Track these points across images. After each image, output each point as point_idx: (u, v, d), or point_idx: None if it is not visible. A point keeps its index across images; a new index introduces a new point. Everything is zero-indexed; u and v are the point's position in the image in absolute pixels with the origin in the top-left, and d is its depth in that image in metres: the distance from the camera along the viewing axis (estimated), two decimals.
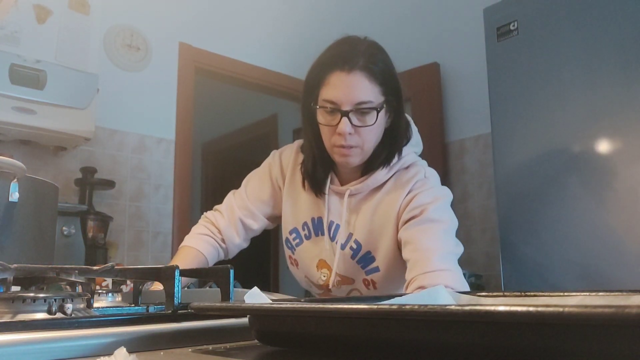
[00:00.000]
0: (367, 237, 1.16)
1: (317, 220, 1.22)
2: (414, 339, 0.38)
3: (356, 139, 1.07)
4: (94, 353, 0.46)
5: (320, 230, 1.21)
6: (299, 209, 1.24)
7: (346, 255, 1.17)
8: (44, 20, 2.21)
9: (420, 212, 1.09)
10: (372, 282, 1.17)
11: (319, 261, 1.22)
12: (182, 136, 2.98)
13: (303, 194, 1.23)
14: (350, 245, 1.17)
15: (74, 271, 0.63)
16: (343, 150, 1.09)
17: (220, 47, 3.21)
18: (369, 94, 1.06)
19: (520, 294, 0.58)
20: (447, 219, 1.10)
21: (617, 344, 0.29)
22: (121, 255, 2.67)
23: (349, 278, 1.19)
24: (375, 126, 1.08)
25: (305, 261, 1.24)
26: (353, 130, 1.06)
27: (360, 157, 1.11)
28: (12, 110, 2.09)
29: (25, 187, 0.82)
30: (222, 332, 0.55)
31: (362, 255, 1.16)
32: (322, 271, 1.22)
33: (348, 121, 1.05)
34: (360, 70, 1.05)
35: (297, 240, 1.25)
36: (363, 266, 1.17)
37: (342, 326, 0.42)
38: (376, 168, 1.14)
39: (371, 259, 1.16)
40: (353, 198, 1.18)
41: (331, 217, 1.19)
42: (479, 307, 0.31)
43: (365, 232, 1.15)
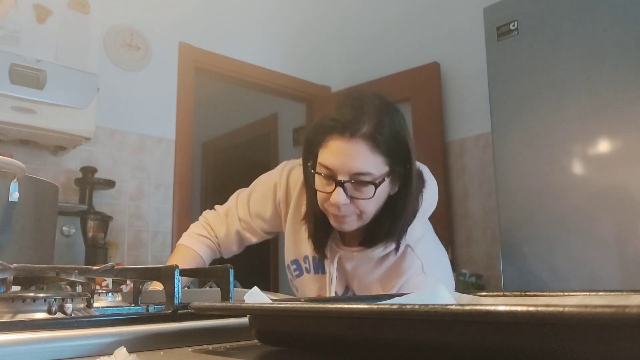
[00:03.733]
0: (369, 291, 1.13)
1: (319, 259, 1.18)
2: (414, 339, 0.38)
3: (352, 209, 1.00)
4: (94, 353, 0.46)
5: (321, 269, 1.17)
6: (301, 241, 1.19)
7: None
8: (44, 20, 2.21)
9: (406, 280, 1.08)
10: None
11: (318, 295, 1.19)
12: (182, 136, 2.98)
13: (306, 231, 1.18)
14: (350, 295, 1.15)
15: (74, 271, 0.63)
16: (337, 218, 1.02)
17: (220, 46, 3.21)
18: (369, 165, 0.96)
19: (520, 293, 0.58)
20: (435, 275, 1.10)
21: (617, 344, 0.29)
22: (121, 255, 2.67)
23: None
24: (375, 198, 0.99)
25: (305, 292, 1.22)
26: (348, 201, 0.98)
27: (358, 224, 1.03)
28: (12, 110, 2.09)
29: (25, 187, 0.82)
30: (222, 332, 0.55)
31: None
32: None
33: (343, 192, 0.97)
34: (362, 139, 0.95)
35: (297, 272, 1.23)
36: None
37: (342, 326, 0.42)
38: (376, 243, 1.07)
39: None
40: (346, 262, 1.13)
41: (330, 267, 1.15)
42: (479, 307, 0.31)
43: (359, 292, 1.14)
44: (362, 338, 0.41)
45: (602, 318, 0.27)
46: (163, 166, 2.89)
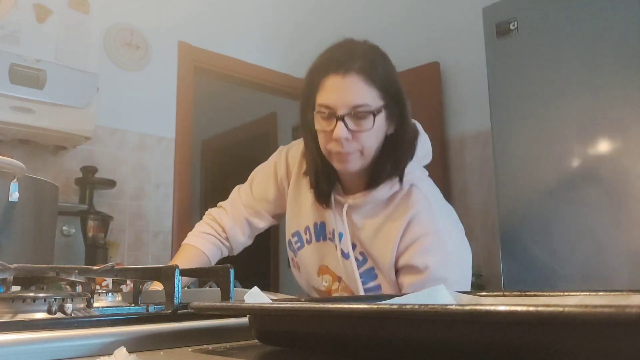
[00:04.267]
0: (371, 254, 1.11)
1: (320, 225, 1.18)
2: (414, 339, 0.38)
3: (354, 145, 1.03)
4: (94, 353, 0.46)
5: (322, 235, 1.17)
6: (302, 213, 1.21)
7: (350, 266, 1.12)
8: (43, 20, 2.20)
9: (424, 269, 1.04)
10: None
11: (320, 267, 1.18)
12: (182, 134, 2.98)
13: (307, 198, 1.20)
14: (356, 255, 1.12)
15: (74, 271, 0.63)
16: (340, 156, 1.04)
17: (219, 46, 3.21)
18: (366, 97, 1.01)
19: (520, 293, 0.58)
20: (452, 276, 1.05)
21: (617, 344, 0.29)
22: (121, 255, 2.67)
23: (349, 289, 1.14)
24: (374, 130, 1.03)
25: (307, 266, 1.21)
26: (350, 135, 1.01)
27: (361, 162, 1.06)
28: (12, 110, 2.09)
29: (25, 186, 0.82)
30: (222, 332, 0.55)
31: (366, 270, 1.12)
32: (323, 277, 1.18)
33: (344, 126, 1.00)
34: (356, 73, 1.01)
35: (299, 244, 1.22)
36: (364, 281, 1.11)
37: (342, 326, 0.42)
38: (380, 182, 1.09)
39: (374, 275, 1.11)
40: (353, 212, 1.13)
41: (335, 225, 1.15)
42: (479, 307, 0.31)
43: (367, 249, 1.11)
44: (362, 338, 0.41)
45: (602, 318, 0.27)
46: (163, 165, 2.89)
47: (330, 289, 1.16)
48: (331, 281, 1.16)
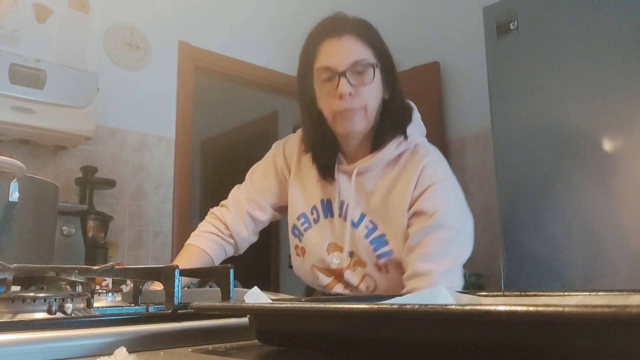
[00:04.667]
0: (382, 219, 1.11)
1: (327, 202, 1.18)
2: (414, 339, 0.38)
3: (357, 101, 1.06)
4: (94, 353, 0.46)
5: (329, 212, 1.17)
6: (307, 194, 1.21)
7: (359, 234, 1.12)
8: (43, 20, 2.20)
9: (432, 214, 1.06)
10: (385, 266, 1.12)
11: (329, 245, 1.17)
12: (182, 134, 2.98)
13: (311, 179, 1.20)
14: (365, 224, 1.13)
15: (74, 271, 0.63)
16: (345, 114, 1.06)
17: (219, 45, 3.21)
18: (363, 53, 1.06)
19: (520, 293, 0.58)
20: (456, 225, 1.09)
21: (618, 344, 0.29)
22: (121, 255, 2.67)
23: (361, 260, 1.14)
24: (374, 85, 1.07)
25: (315, 247, 1.19)
26: (353, 90, 1.05)
27: (365, 121, 1.09)
28: (12, 110, 2.09)
29: (25, 186, 0.82)
30: (222, 332, 0.55)
31: (376, 237, 1.12)
32: (333, 254, 1.16)
33: (346, 81, 1.04)
34: (349, 34, 1.08)
35: (306, 225, 1.20)
36: (375, 248, 1.11)
37: (342, 326, 0.42)
38: (386, 141, 1.12)
39: (384, 242, 1.11)
40: (362, 177, 1.14)
41: (342, 197, 1.15)
42: (479, 307, 0.31)
43: (379, 213, 1.12)
44: (362, 338, 0.41)
45: (603, 318, 0.27)
46: (163, 165, 2.89)
47: (342, 266, 1.15)
48: (342, 258, 1.15)
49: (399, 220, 1.09)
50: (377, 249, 1.11)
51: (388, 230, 1.11)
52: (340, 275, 1.16)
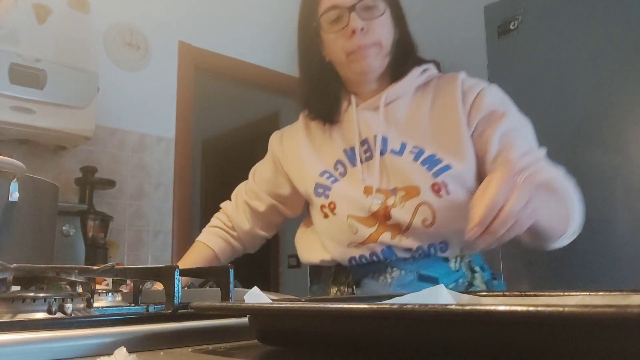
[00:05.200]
0: (428, 141, 1.00)
1: (351, 150, 1.07)
2: (414, 339, 0.38)
3: (370, 37, 1.00)
4: (94, 353, 0.46)
5: (358, 157, 1.05)
6: (326, 153, 1.11)
7: (406, 161, 1.00)
8: (43, 19, 2.20)
9: (504, 110, 1.00)
10: (444, 185, 0.97)
11: (365, 188, 1.02)
12: (182, 134, 2.98)
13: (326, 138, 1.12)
14: (410, 150, 1.01)
15: (74, 271, 0.63)
16: (360, 52, 1.01)
17: (219, 45, 3.21)
18: None
19: (520, 293, 0.58)
20: (529, 122, 1.04)
21: (618, 344, 0.29)
22: (121, 255, 2.67)
23: (413, 187, 0.98)
24: (386, 19, 1.03)
25: (349, 193, 1.03)
26: (364, 25, 0.99)
27: (380, 57, 1.03)
28: (12, 110, 2.09)
29: (25, 186, 0.82)
30: (222, 332, 0.55)
31: (426, 157, 0.99)
32: (373, 195, 1.01)
33: (356, 15, 0.99)
34: None
35: (332, 179, 1.07)
36: (429, 167, 0.98)
37: (342, 326, 0.42)
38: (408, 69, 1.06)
39: (438, 160, 0.99)
40: (392, 106, 1.05)
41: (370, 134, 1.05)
42: (479, 307, 0.31)
43: (424, 136, 1.01)
44: (362, 338, 0.41)
45: (603, 318, 0.27)
46: (163, 165, 2.89)
47: (385, 205, 0.99)
48: (384, 198, 1.00)
49: (452, 135, 0.99)
50: (432, 167, 0.98)
51: (438, 150, 0.99)
52: (386, 217, 0.99)
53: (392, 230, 0.99)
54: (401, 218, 0.98)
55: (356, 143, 1.06)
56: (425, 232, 0.98)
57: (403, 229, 0.98)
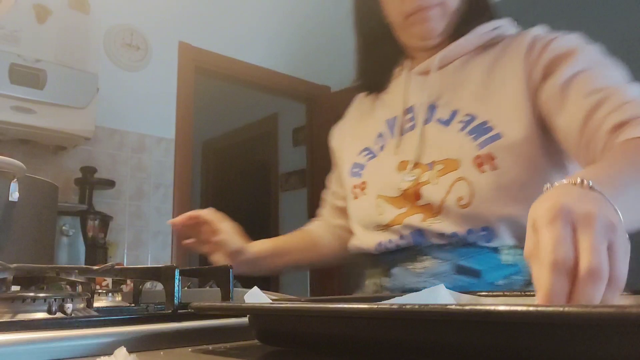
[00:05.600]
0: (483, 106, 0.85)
1: (394, 120, 0.95)
2: (414, 339, 0.38)
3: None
4: (94, 353, 0.46)
5: (400, 128, 0.93)
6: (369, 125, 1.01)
7: (451, 132, 0.86)
8: (44, 20, 2.20)
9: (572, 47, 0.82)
10: (490, 157, 0.80)
11: (400, 163, 0.90)
12: (182, 135, 2.98)
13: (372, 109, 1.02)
14: (460, 119, 0.86)
15: (74, 271, 0.63)
16: (420, 14, 0.88)
17: (220, 46, 3.21)
18: None
19: (520, 293, 0.58)
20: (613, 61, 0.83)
21: (617, 344, 0.29)
22: (121, 255, 2.67)
23: (452, 160, 0.84)
24: None
25: (381, 170, 0.93)
26: None
27: (443, 19, 0.89)
28: (12, 110, 2.09)
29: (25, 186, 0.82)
30: (222, 332, 0.55)
31: (475, 126, 0.84)
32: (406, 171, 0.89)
33: None
34: None
35: (370, 156, 0.97)
36: (476, 137, 0.83)
37: (342, 326, 0.42)
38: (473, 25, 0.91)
39: (488, 128, 0.83)
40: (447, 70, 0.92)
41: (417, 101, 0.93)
42: (479, 307, 0.31)
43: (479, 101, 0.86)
44: (362, 338, 0.41)
45: (602, 318, 0.27)
46: (163, 166, 2.89)
47: (418, 182, 0.86)
48: (419, 174, 0.87)
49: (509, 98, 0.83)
50: (479, 137, 0.83)
51: (493, 116, 0.83)
52: (417, 196, 0.86)
53: (423, 211, 0.85)
54: (433, 196, 0.84)
55: (399, 111, 0.94)
56: (460, 215, 0.82)
57: (435, 209, 0.84)
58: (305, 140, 3.94)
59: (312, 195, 3.64)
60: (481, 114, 0.84)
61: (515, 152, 0.80)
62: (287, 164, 4.19)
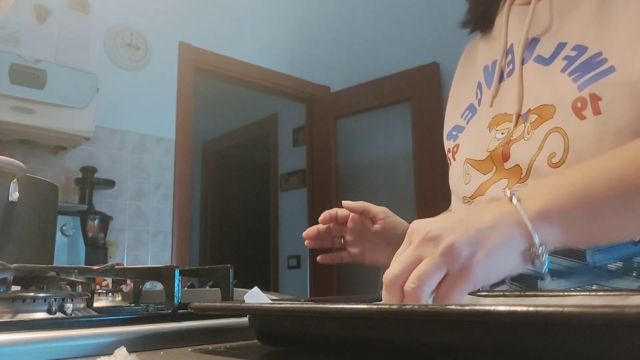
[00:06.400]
0: (596, 34, 0.68)
1: (492, 66, 0.81)
2: (414, 339, 0.38)
3: None
4: (94, 353, 0.46)
5: (498, 75, 0.79)
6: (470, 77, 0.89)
7: (552, 72, 0.69)
8: (43, 20, 2.21)
9: None
10: (594, 98, 0.63)
11: (493, 118, 0.77)
12: (182, 135, 2.99)
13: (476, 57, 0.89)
14: (566, 54, 0.69)
15: (74, 271, 0.63)
16: None
17: (220, 46, 3.21)
18: None
19: (520, 293, 0.58)
20: None
21: (617, 344, 0.29)
22: (121, 255, 2.67)
23: (547, 107, 0.68)
24: None
25: (472, 131, 0.82)
26: None
27: None
28: (12, 110, 2.09)
29: (25, 186, 0.82)
30: (222, 332, 0.55)
31: (584, 60, 0.66)
32: (498, 128, 0.75)
33: None
34: None
35: (470, 115, 0.85)
36: (580, 75, 0.65)
37: (342, 326, 0.42)
38: None
39: (600, 62, 0.65)
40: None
41: (518, 37, 0.76)
42: (479, 307, 0.31)
43: (591, 28, 0.68)
44: (362, 338, 0.41)
45: (602, 318, 0.27)
46: (163, 166, 2.89)
47: (509, 139, 0.71)
48: (512, 127, 0.72)
49: (633, 24, 0.65)
50: (585, 74, 0.65)
51: (609, 47, 0.65)
52: (505, 157, 0.71)
53: (510, 176, 0.70)
54: (522, 155, 0.68)
55: (499, 53, 0.79)
56: None
57: (523, 172, 0.68)
58: (305, 140, 3.94)
59: (312, 195, 3.64)
60: (593, 44, 0.67)
61: (632, 91, 0.61)
62: (287, 164, 4.19)
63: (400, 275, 0.46)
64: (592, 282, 0.62)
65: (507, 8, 0.81)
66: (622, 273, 0.62)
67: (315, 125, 3.75)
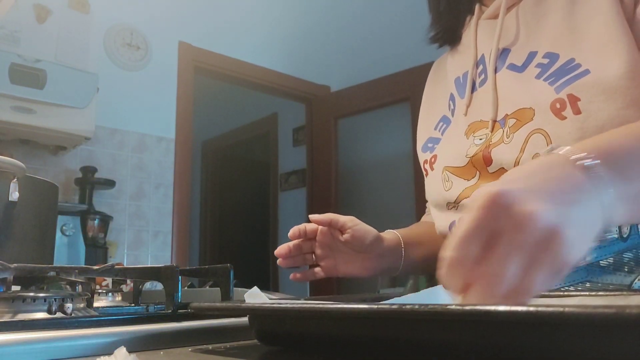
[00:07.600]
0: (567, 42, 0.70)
1: (463, 77, 0.83)
2: (414, 339, 0.38)
3: None
4: (94, 353, 0.46)
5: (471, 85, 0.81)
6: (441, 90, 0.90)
7: (526, 78, 0.72)
8: (43, 20, 2.20)
9: None
10: (572, 98, 0.65)
11: (469, 126, 0.79)
12: (182, 135, 2.99)
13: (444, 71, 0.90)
14: (538, 61, 0.72)
15: (74, 271, 0.63)
16: None
17: (219, 46, 3.21)
18: None
19: None
20: None
21: (617, 345, 0.29)
22: (121, 255, 2.67)
23: (526, 110, 0.70)
24: None
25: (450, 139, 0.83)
26: None
27: None
28: (12, 110, 2.09)
29: (25, 186, 0.82)
30: (222, 332, 0.55)
31: (558, 67, 0.69)
32: (475, 134, 0.76)
33: None
34: None
35: (444, 126, 0.86)
36: (556, 79, 0.68)
37: (342, 326, 0.42)
38: None
39: (574, 67, 0.68)
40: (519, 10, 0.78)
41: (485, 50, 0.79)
42: (479, 307, 0.31)
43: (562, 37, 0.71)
44: (362, 338, 0.41)
45: (602, 318, 0.27)
46: (163, 165, 2.89)
47: (488, 143, 0.73)
48: (489, 135, 0.74)
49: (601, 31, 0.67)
50: (559, 79, 0.68)
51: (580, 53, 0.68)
52: (487, 161, 0.73)
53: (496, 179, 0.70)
54: (505, 158, 0.70)
55: (470, 65, 0.81)
56: None
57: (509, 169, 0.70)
58: (305, 140, 3.94)
59: (311, 195, 3.64)
60: (566, 51, 0.69)
61: (607, 91, 0.63)
62: (287, 163, 4.20)
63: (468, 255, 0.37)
64: (585, 279, 0.63)
65: (474, 23, 0.84)
66: (613, 269, 0.63)
67: (315, 125, 3.75)
